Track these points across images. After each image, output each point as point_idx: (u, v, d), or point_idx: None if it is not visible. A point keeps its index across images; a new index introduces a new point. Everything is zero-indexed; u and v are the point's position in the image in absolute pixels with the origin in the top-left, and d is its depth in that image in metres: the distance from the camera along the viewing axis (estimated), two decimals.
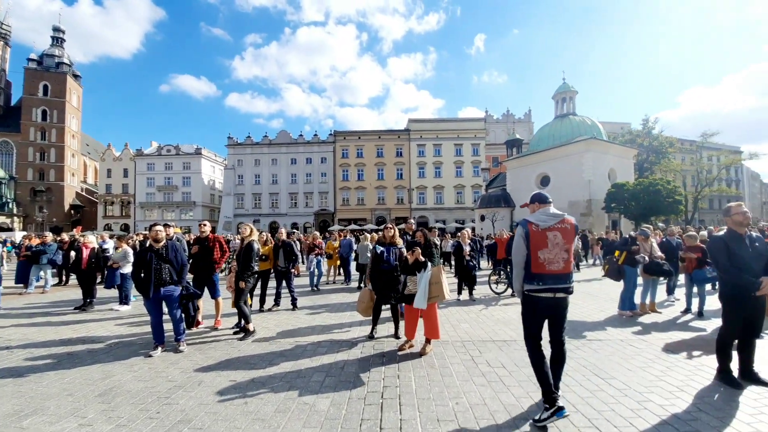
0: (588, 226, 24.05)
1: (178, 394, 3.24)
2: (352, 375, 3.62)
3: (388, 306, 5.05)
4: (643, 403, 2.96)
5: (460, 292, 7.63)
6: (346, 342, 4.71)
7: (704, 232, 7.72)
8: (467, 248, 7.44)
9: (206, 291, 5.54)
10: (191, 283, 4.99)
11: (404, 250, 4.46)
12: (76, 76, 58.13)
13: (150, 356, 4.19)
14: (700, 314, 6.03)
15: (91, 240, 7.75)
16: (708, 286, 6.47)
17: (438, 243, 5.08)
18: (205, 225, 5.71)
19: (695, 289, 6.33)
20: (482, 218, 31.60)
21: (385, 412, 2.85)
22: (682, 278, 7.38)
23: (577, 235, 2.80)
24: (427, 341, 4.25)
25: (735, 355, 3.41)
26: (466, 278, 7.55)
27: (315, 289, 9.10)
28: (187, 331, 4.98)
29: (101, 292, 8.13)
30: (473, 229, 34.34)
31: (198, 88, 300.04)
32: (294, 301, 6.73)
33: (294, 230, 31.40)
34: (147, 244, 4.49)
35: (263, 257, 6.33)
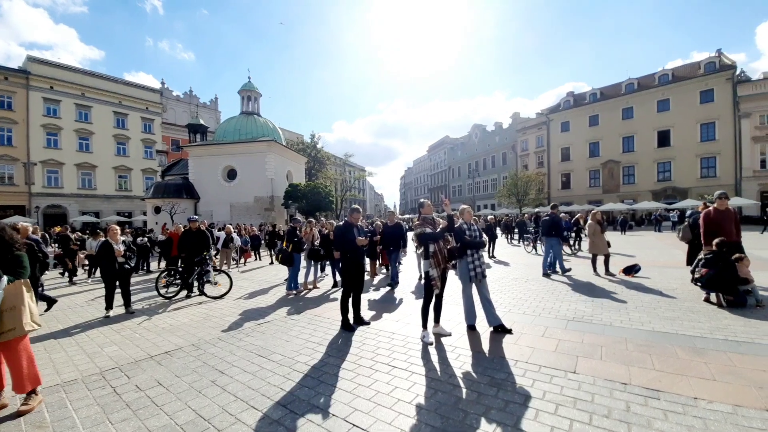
0: (271, 219, 26.78)
1: None
2: None
3: None
4: (293, 366, 3.50)
5: (110, 307, 5.82)
6: None
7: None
8: (119, 247, 5.72)
9: None
10: None
11: None
12: None
13: None
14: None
15: None
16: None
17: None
18: None
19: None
20: (157, 210, 26.64)
21: None
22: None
23: None
24: (31, 392, 2.80)
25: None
26: (122, 285, 5.88)
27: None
28: None
29: None
30: (145, 223, 28.34)
31: None
32: None
33: None
34: None
35: None
